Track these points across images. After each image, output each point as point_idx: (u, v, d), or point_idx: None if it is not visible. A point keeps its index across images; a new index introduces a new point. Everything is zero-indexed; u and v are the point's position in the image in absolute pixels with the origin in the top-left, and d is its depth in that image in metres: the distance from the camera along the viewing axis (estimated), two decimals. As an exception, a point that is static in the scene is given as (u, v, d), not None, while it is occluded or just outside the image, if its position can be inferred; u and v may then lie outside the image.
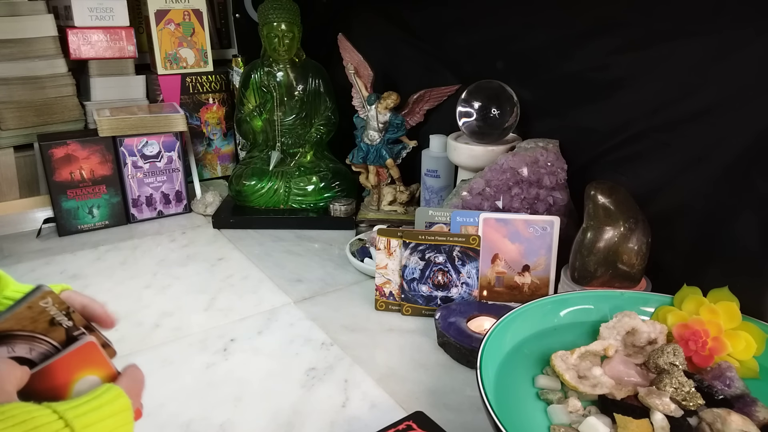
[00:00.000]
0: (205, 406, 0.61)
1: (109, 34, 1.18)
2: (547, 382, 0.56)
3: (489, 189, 0.82)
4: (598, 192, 0.68)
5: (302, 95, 1.14)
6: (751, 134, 0.62)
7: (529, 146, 0.82)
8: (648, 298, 0.66)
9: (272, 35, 1.08)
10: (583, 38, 0.78)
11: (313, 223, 1.10)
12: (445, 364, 0.68)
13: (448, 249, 0.77)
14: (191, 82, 1.31)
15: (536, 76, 0.87)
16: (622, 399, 0.54)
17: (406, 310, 0.78)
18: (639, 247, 0.68)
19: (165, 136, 1.13)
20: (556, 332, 0.64)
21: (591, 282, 0.70)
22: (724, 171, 0.66)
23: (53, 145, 1.04)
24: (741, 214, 0.64)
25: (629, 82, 0.74)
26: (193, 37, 1.29)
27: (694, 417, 0.51)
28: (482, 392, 0.49)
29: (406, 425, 0.51)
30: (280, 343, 0.72)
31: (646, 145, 0.74)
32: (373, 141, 1.07)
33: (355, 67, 1.06)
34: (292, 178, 1.14)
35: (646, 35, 0.71)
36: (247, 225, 1.10)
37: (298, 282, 0.88)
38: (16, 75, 1.10)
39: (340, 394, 0.63)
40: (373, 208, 1.10)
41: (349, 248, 0.93)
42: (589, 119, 0.80)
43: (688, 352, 0.58)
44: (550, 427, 0.51)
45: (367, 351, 0.70)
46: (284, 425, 0.58)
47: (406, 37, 1.11)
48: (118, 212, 1.12)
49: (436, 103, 1.05)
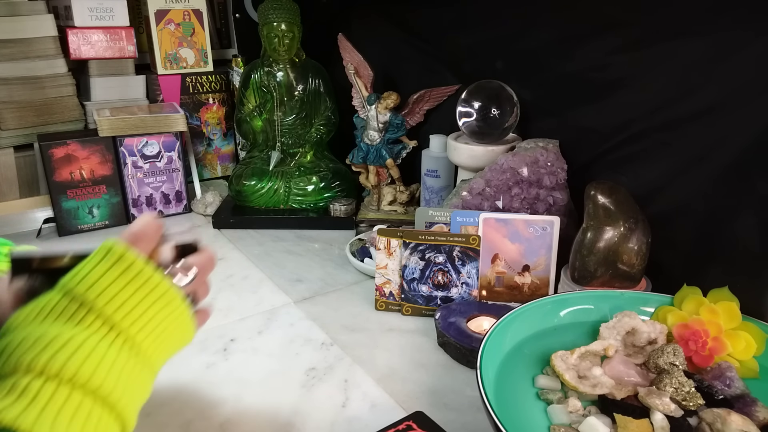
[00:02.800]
0: (205, 406, 0.61)
1: (109, 34, 1.18)
2: (547, 382, 0.56)
3: (489, 189, 0.82)
4: (598, 192, 0.68)
5: (302, 95, 1.14)
6: (751, 134, 0.62)
7: (529, 146, 0.82)
8: (648, 298, 0.66)
9: (272, 35, 1.08)
10: (583, 38, 0.78)
11: (313, 223, 1.10)
12: (445, 364, 0.68)
13: (448, 249, 0.77)
14: (191, 82, 1.31)
15: (536, 76, 0.87)
16: (622, 399, 0.54)
17: (406, 310, 0.78)
18: (639, 247, 0.68)
19: (165, 136, 1.13)
20: (556, 332, 0.64)
21: (591, 282, 0.70)
22: (724, 171, 0.66)
23: (53, 145, 1.04)
24: (741, 214, 0.64)
25: (629, 82, 0.74)
26: (193, 37, 1.29)
27: (694, 417, 0.51)
28: (482, 392, 0.49)
29: (406, 425, 0.51)
30: (280, 343, 0.72)
31: (646, 145, 0.74)
32: (373, 141, 1.07)
33: (355, 67, 1.06)
34: (292, 178, 1.14)
35: (646, 35, 0.71)
36: (247, 225, 1.10)
37: (298, 282, 0.88)
38: (16, 75, 1.10)
39: (340, 394, 0.63)
40: (373, 208, 1.10)
41: (349, 248, 0.93)
42: (589, 119, 0.80)
43: (688, 352, 0.58)
44: (550, 427, 0.51)
45: (367, 351, 0.70)
46: (284, 425, 0.58)
47: (406, 37, 1.11)
48: (118, 212, 1.12)
49: (436, 103, 1.05)
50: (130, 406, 0.37)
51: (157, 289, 0.40)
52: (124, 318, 0.38)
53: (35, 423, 0.31)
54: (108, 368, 0.35)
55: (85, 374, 0.34)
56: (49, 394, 0.33)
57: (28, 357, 0.34)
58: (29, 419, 0.31)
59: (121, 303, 0.38)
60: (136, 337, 0.38)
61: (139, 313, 0.38)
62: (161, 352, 0.41)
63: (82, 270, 0.38)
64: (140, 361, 0.39)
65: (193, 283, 0.44)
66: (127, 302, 0.38)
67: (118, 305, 0.38)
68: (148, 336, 0.39)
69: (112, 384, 0.35)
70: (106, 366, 0.35)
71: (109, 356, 0.36)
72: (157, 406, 0.61)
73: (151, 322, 0.39)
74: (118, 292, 0.38)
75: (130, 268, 0.39)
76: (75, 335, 0.35)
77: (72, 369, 0.34)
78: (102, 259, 0.39)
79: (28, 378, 0.33)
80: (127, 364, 0.37)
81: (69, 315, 0.37)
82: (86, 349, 0.35)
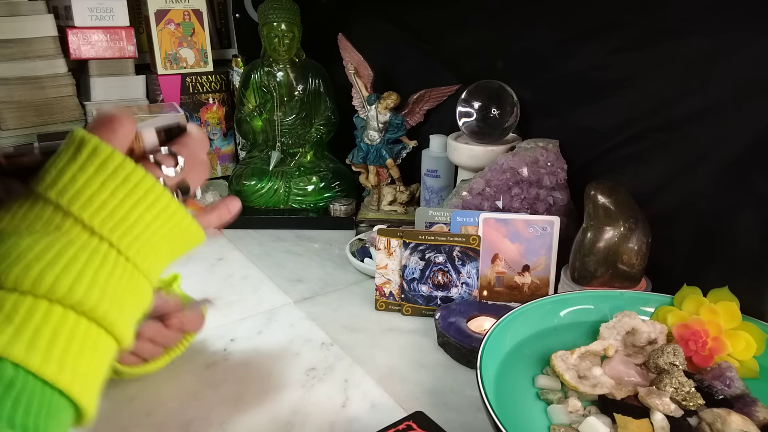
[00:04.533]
0: (205, 406, 0.61)
1: (109, 34, 1.18)
2: (547, 382, 0.56)
3: (489, 189, 0.82)
4: (598, 192, 0.68)
5: (302, 95, 1.14)
6: (751, 134, 0.62)
7: (529, 146, 0.82)
8: (648, 298, 0.66)
9: (272, 35, 1.08)
10: (583, 38, 0.78)
11: (313, 223, 1.10)
12: (445, 364, 0.68)
13: (448, 249, 0.77)
14: (191, 82, 1.31)
15: (536, 76, 0.87)
16: (622, 399, 0.54)
17: (406, 310, 0.78)
18: (639, 247, 0.68)
19: (165, 136, 1.12)
20: (556, 332, 0.64)
21: (591, 282, 0.70)
22: (724, 171, 0.66)
23: (53, 146, 1.03)
24: (741, 214, 0.64)
25: (629, 82, 0.74)
26: (193, 37, 1.29)
27: (694, 417, 0.51)
28: (482, 392, 0.49)
29: (406, 425, 0.51)
30: (280, 343, 0.72)
31: (646, 145, 0.74)
32: (373, 141, 1.07)
33: (355, 67, 1.06)
34: (292, 178, 1.14)
35: (646, 35, 0.71)
36: (247, 225, 1.10)
37: (298, 282, 0.88)
38: (16, 75, 1.10)
39: (340, 394, 0.63)
40: (373, 208, 1.10)
41: (349, 248, 0.93)
42: (589, 119, 0.80)
43: (688, 352, 0.58)
44: (550, 427, 0.51)
45: (367, 351, 0.70)
46: (284, 425, 0.58)
47: (406, 37, 1.11)
48: (118, 212, 1.12)
49: (436, 103, 1.05)
50: (122, 318, 0.34)
51: (140, 187, 0.35)
52: (103, 221, 0.34)
53: (9, 343, 0.29)
54: (90, 279, 0.32)
55: (62, 286, 0.31)
56: (25, 310, 0.29)
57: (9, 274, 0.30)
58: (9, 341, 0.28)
59: (99, 205, 0.34)
60: (121, 243, 0.34)
61: (120, 215, 0.34)
62: (155, 257, 0.37)
63: (52, 170, 0.34)
64: (129, 269, 0.35)
65: (184, 170, 0.39)
66: (105, 204, 0.34)
67: (96, 208, 0.34)
68: (135, 240, 0.35)
69: (96, 296, 0.32)
70: (87, 276, 0.32)
71: (90, 265, 0.32)
72: (157, 406, 0.61)
73: (136, 224, 0.35)
74: (94, 192, 0.34)
75: (106, 163, 0.34)
76: (49, 244, 0.32)
77: (48, 281, 0.30)
78: (73, 156, 0.35)
79: (1, 294, 0.30)
80: (114, 273, 0.33)
81: (42, 222, 0.33)
82: (63, 260, 0.31)
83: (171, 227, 0.37)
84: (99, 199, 0.34)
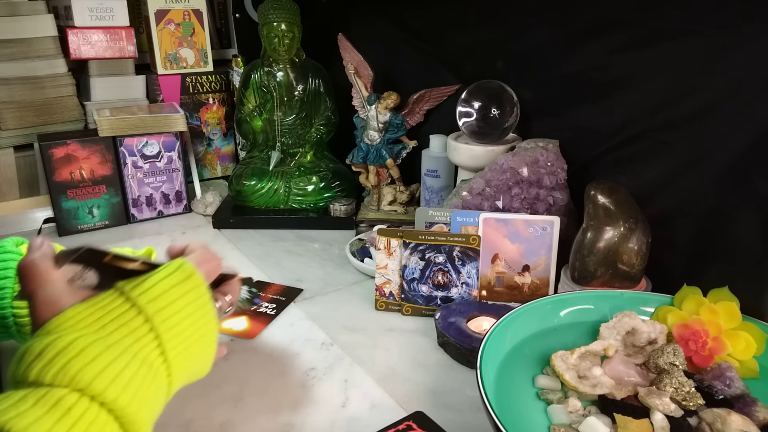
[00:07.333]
0: (205, 406, 0.61)
1: (109, 34, 1.18)
2: (547, 382, 0.56)
3: (489, 189, 0.82)
4: (598, 192, 0.68)
5: (302, 95, 1.14)
6: (751, 134, 0.62)
7: (529, 146, 0.82)
8: (648, 298, 0.66)
9: (272, 35, 1.08)
10: (583, 38, 0.78)
11: (313, 223, 1.10)
12: (445, 364, 0.68)
13: (448, 249, 0.77)
14: (191, 82, 1.31)
15: (536, 76, 0.87)
16: (622, 399, 0.54)
17: (406, 310, 0.78)
18: (639, 247, 0.68)
19: (165, 136, 1.13)
20: (556, 332, 0.64)
21: (591, 282, 0.70)
22: (724, 171, 0.66)
23: (53, 145, 1.04)
24: (741, 214, 0.64)
25: (629, 82, 0.74)
26: (193, 37, 1.29)
27: (694, 417, 0.51)
28: (482, 392, 0.49)
29: (406, 425, 0.51)
30: (280, 343, 0.72)
31: (646, 145, 0.74)
32: (373, 141, 1.07)
33: (355, 67, 1.06)
34: (292, 178, 1.14)
35: (646, 35, 0.71)
36: (247, 225, 1.10)
37: (298, 282, 0.88)
38: (16, 75, 1.10)
39: (340, 394, 0.63)
40: (373, 208, 1.10)
41: (349, 248, 0.93)
42: (589, 119, 0.80)
43: (688, 352, 0.58)
44: (550, 427, 0.51)
45: (367, 351, 0.70)
46: (284, 425, 0.58)
47: (406, 37, 1.11)
48: (118, 212, 1.12)
49: (436, 103, 1.05)
50: (146, 420, 0.38)
51: (206, 312, 0.43)
52: (164, 322, 0.39)
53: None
54: (128, 379, 0.36)
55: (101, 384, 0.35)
56: (80, 411, 0.33)
57: (67, 370, 0.34)
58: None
59: (172, 314, 0.40)
60: (167, 345, 0.39)
61: (182, 327, 0.40)
62: (182, 371, 0.42)
63: (150, 280, 0.40)
64: (162, 377, 0.40)
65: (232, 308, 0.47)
66: (176, 315, 0.40)
67: (168, 316, 0.40)
68: (177, 347, 0.40)
69: (129, 396, 0.36)
70: (125, 377, 0.36)
71: (132, 368, 0.37)
72: (157, 406, 0.60)
73: (187, 339, 0.41)
74: (171, 303, 0.40)
75: (195, 289, 0.42)
76: (106, 350, 0.36)
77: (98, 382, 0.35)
78: (171, 274, 0.41)
79: (64, 392, 0.34)
80: (151, 379, 0.38)
81: (112, 318, 0.38)
82: (118, 366, 0.36)
83: (203, 351, 0.44)
84: (173, 310, 0.40)
